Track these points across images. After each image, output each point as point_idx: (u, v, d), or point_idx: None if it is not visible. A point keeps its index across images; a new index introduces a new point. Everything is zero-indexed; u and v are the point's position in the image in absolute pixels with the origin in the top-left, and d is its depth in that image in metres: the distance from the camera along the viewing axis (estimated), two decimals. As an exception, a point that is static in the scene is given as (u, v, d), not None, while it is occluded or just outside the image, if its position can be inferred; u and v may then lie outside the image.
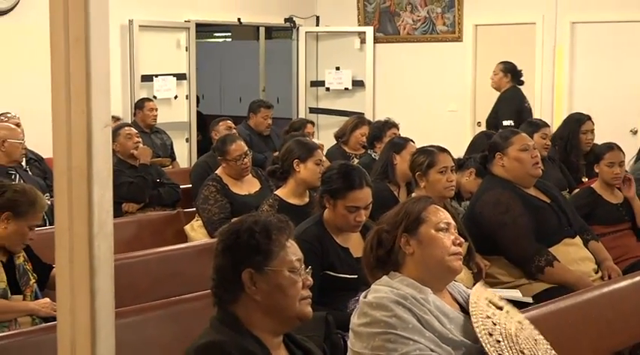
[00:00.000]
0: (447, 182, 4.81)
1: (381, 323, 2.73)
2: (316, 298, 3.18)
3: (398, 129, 7.10)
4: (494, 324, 2.85)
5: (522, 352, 2.82)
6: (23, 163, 6.72)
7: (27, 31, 8.58)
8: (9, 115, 7.54)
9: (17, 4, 8.84)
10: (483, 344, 2.77)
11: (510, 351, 2.79)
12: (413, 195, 4.90)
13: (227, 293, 2.47)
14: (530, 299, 4.42)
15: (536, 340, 2.95)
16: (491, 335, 2.80)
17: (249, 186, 6.04)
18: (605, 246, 5.15)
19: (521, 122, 8.21)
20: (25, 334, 3.68)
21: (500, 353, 2.77)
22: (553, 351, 2.98)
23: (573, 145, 6.87)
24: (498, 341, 2.80)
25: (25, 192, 4.24)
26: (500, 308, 2.98)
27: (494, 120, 8.79)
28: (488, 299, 3.02)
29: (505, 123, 8.40)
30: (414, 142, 5.89)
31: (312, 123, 8.81)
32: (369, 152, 7.12)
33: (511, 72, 9.05)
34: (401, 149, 5.73)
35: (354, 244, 4.08)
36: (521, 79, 9.07)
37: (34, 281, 4.28)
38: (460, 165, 5.61)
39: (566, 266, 4.71)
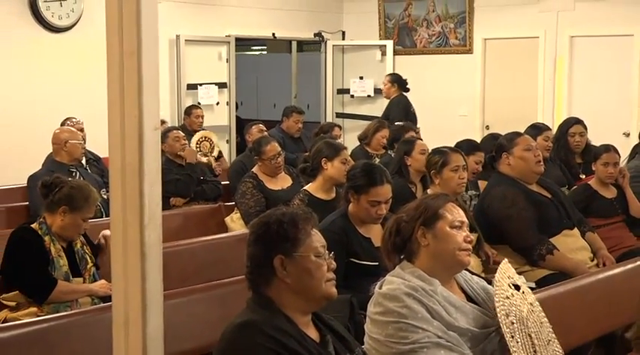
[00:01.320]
0: (459, 179, 4.79)
1: (394, 313, 2.72)
2: (341, 282, 3.17)
3: (415, 132, 7.09)
4: (511, 305, 2.83)
5: (530, 335, 2.81)
6: (83, 162, 6.76)
7: (87, 45, 8.64)
8: (74, 120, 7.61)
9: (78, 21, 8.90)
10: (501, 324, 2.75)
11: (521, 334, 2.78)
12: (428, 191, 4.88)
13: (260, 277, 2.48)
14: (533, 284, 4.40)
15: (541, 323, 2.94)
16: (507, 316, 2.79)
17: (282, 182, 6.05)
18: (601, 236, 5.12)
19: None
20: (85, 313, 3.71)
21: (513, 334, 2.75)
22: (553, 334, 2.97)
23: (562, 145, 6.85)
24: (512, 323, 2.78)
25: (80, 188, 4.25)
26: (518, 289, 2.96)
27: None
28: (510, 278, 3.00)
29: (397, 123, 8.60)
30: (421, 139, 5.86)
31: (339, 126, 8.81)
32: (389, 152, 7.11)
33: (397, 82, 9.47)
34: (410, 150, 5.70)
35: (376, 235, 4.07)
36: (407, 86, 9.45)
37: (91, 264, 4.31)
38: None
39: (565, 255, 4.69)
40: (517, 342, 2.75)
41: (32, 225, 4.21)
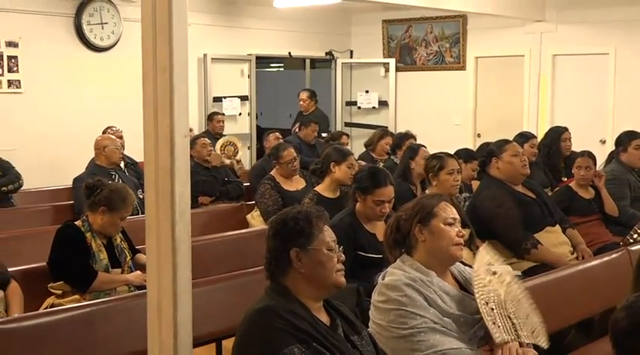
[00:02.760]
0: (453, 181, 4.77)
1: (395, 301, 2.72)
2: (349, 273, 3.16)
3: (415, 140, 7.07)
4: (489, 292, 2.82)
5: (509, 316, 2.79)
6: (122, 165, 6.78)
7: (125, 63, 8.69)
8: (114, 129, 7.65)
9: (117, 42, 8.95)
10: (482, 313, 2.74)
11: (501, 317, 2.76)
12: (427, 192, 4.87)
13: (278, 268, 2.48)
14: (519, 273, 4.38)
15: (519, 300, 2.90)
16: (487, 303, 2.77)
17: (297, 183, 6.05)
18: (580, 232, 5.10)
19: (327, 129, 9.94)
20: (123, 299, 3.72)
21: (494, 320, 2.74)
22: (533, 305, 2.93)
23: (554, 151, 6.83)
24: (492, 309, 2.76)
25: (118, 191, 4.24)
26: (494, 273, 2.94)
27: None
28: (488, 263, 2.98)
29: (324, 135, 9.09)
30: (425, 147, 5.85)
31: (347, 135, 8.79)
32: (391, 157, 7.10)
33: (314, 96, 9.95)
34: (414, 155, 5.69)
35: (380, 230, 4.05)
36: (316, 99, 10.11)
37: (129, 257, 4.31)
38: None
39: (548, 249, 4.67)
40: (499, 327, 2.73)
41: (76, 223, 4.20)
